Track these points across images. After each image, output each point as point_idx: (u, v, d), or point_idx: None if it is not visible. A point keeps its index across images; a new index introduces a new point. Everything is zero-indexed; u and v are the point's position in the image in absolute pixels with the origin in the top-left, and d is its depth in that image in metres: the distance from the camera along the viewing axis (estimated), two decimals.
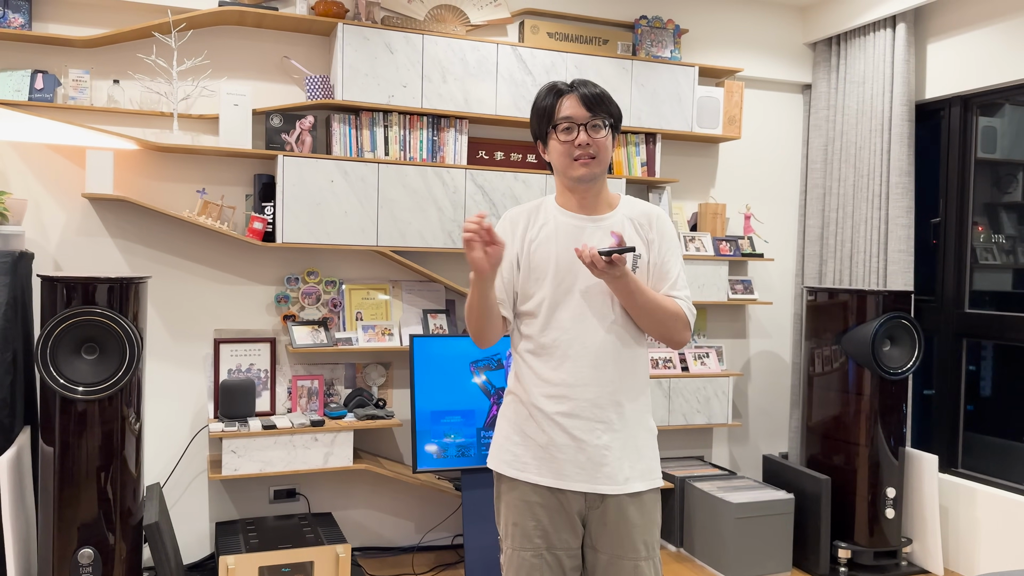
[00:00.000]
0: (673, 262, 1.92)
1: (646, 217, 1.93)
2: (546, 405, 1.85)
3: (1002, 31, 3.50)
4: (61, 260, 3.19)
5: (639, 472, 1.86)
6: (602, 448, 1.82)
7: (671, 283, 1.90)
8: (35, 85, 3.05)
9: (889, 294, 3.56)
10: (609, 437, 1.83)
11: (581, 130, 1.84)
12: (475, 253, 1.72)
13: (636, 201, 1.98)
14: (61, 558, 2.58)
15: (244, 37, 3.38)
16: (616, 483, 1.83)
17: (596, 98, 1.85)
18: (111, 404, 2.61)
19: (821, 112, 4.21)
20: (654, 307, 1.82)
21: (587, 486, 1.83)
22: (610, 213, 1.93)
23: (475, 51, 3.47)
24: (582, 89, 1.86)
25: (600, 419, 1.83)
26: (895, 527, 3.56)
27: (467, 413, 3.31)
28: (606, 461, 1.82)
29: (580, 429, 1.83)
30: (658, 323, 1.84)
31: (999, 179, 3.76)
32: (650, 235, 1.92)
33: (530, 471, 1.86)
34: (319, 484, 3.55)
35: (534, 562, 1.85)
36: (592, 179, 1.88)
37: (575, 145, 1.84)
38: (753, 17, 4.19)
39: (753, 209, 4.27)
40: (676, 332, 1.87)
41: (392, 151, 3.43)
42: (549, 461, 1.84)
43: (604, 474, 1.83)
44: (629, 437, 1.86)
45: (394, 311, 3.59)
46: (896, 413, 3.57)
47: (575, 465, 1.83)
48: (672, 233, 1.95)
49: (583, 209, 1.92)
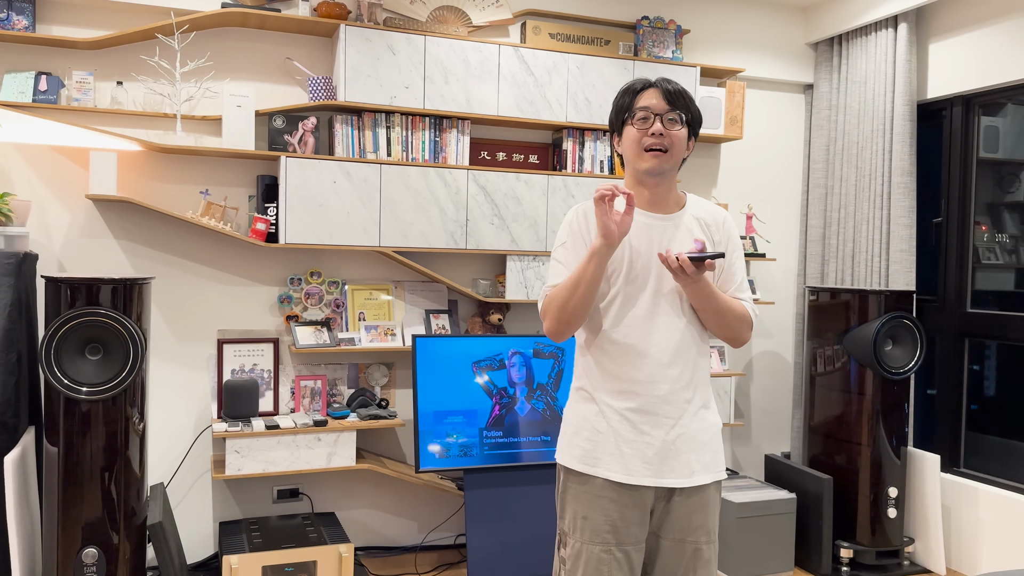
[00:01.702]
0: (739, 265, 1.97)
1: (713, 218, 1.96)
2: (615, 401, 1.88)
3: (1004, 31, 3.50)
4: (65, 261, 3.20)
5: (704, 465, 1.90)
6: (669, 443, 1.86)
7: (737, 285, 1.96)
8: (39, 87, 3.06)
9: (891, 294, 3.56)
10: (676, 432, 1.87)
11: (657, 120, 1.86)
12: (607, 217, 1.75)
13: (702, 201, 2.00)
14: (65, 557, 2.60)
15: (247, 38, 3.39)
16: (683, 476, 1.87)
17: (677, 93, 1.88)
18: (115, 404, 2.63)
19: (823, 112, 4.21)
20: (726, 310, 1.88)
21: (655, 480, 1.86)
22: (679, 212, 1.94)
23: (477, 52, 3.48)
24: (665, 84, 1.89)
25: (668, 415, 1.87)
26: (897, 527, 3.56)
27: (469, 413, 3.32)
28: (673, 455, 1.86)
29: (648, 424, 1.86)
30: (726, 325, 1.90)
31: (1001, 179, 3.76)
32: (717, 236, 1.95)
33: (600, 466, 1.88)
34: (322, 484, 3.56)
35: (603, 556, 1.85)
36: (661, 173, 1.88)
37: (648, 134, 1.86)
38: (755, 17, 4.19)
39: (755, 209, 4.27)
40: (741, 333, 1.94)
41: (394, 152, 3.44)
42: (619, 456, 1.87)
43: (671, 468, 1.86)
44: (696, 432, 1.89)
45: (396, 311, 3.60)
46: (898, 413, 3.58)
47: (643, 460, 1.86)
48: (737, 236, 1.99)
49: (653, 206, 1.93)
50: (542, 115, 3.60)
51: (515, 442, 3.37)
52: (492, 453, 3.34)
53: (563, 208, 3.62)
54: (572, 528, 1.92)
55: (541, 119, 3.60)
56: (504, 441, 3.35)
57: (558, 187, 3.62)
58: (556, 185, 3.62)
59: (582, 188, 3.65)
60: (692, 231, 1.92)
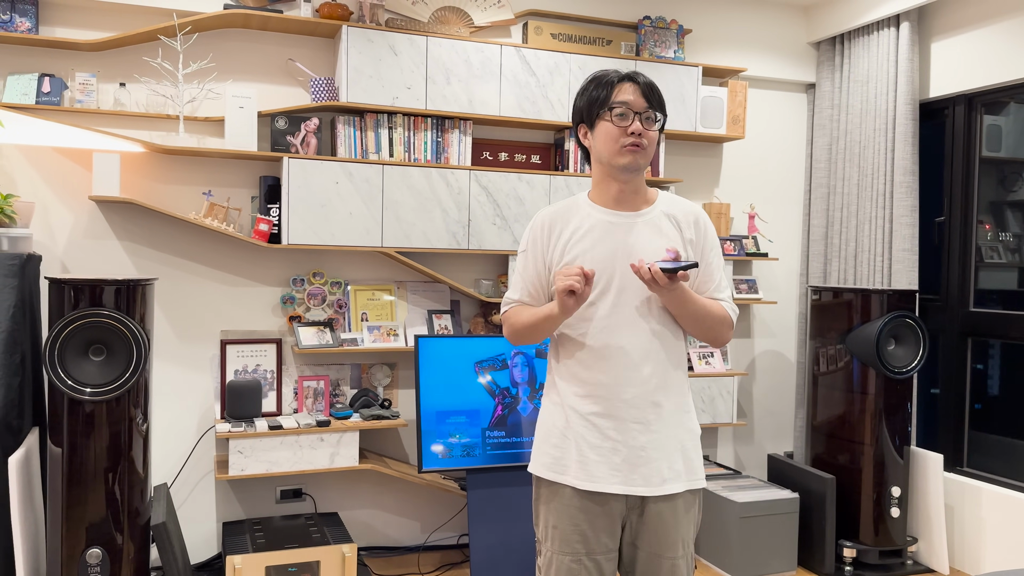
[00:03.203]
0: (716, 264, 1.90)
1: (685, 215, 1.90)
2: (581, 406, 1.83)
3: (1006, 29, 3.49)
4: (68, 262, 3.21)
5: (676, 473, 1.83)
6: (638, 449, 1.80)
7: (715, 285, 1.89)
8: (42, 88, 3.07)
9: (893, 293, 3.56)
10: (646, 438, 1.80)
11: (636, 118, 1.81)
12: (570, 300, 1.72)
13: (675, 198, 1.94)
14: (69, 558, 2.60)
15: (249, 40, 3.40)
16: (652, 485, 1.81)
17: (654, 91, 1.84)
18: (118, 405, 2.63)
19: (825, 111, 4.21)
20: (704, 314, 1.82)
21: (624, 488, 1.80)
22: (648, 208, 1.89)
23: (479, 52, 3.48)
24: (642, 79, 1.84)
25: (637, 419, 1.80)
26: (900, 526, 3.56)
27: (472, 413, 3.33)
28: (642, 462, 1.80)
29: (616, 430, 1.80)
30: (706, 328, 1.85)
31: (1004, 177, 3.75)
32: (689, 234, 1.88)
33: (568, 475, 1.84)
34: (325, 484, 3.57)
35: (573, 567, 1.82)
36: (636, 170, 1.83)
37: (627, 132, 1.80)
38: (757, 17, 4.19)
39: (757, 209, 4.27)
40: (720, 334, 1.87)
41: (396, 152, 3.45)
42: (586, 464, 1.81)
43: (640, 475, 1.80)
44: (668, 438, 1.83)
45: (399, 312, 3.60)
46: (901, 412, 3.57)
47: (611, 467, 1.80)
48: (714, 233, 1.92)
49: (620, 204, 1.87)
50: (544, 115, 3.60)
51: (518, 442, 3.37)
52: (495, 453, 3.34)
53: None
54: (544, 537, 1.90)
55: (543, 119, 3.60)
56: (507, 441, 3.36)
57: (560, 187, 3.62)
58: (558, 185, 3.62)
59: (584, 188, 3.65)
60: (660, 228, 1.86)
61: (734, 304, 1.92)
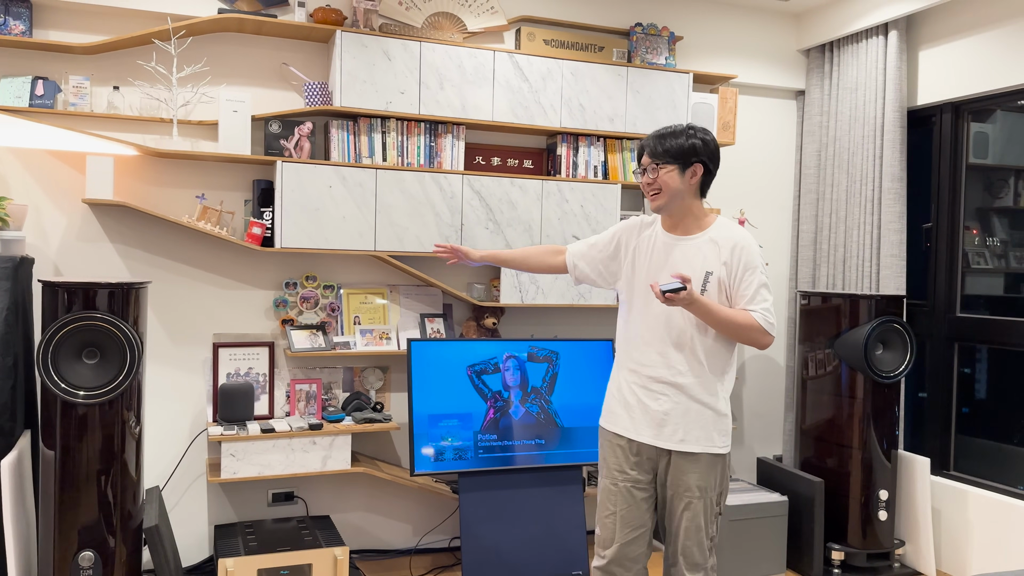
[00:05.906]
0: (748, 283, 2.29)
1: (727, 240, 2.33)
2: (627, 376, 2.41)
3: (993, 38, 3.54)
4: (62, 265, 3.21)
5: (695, 438, 2.31)
6: (661, 413, 2.33)
7: (747, 299, 2.29)
8: (36, 91, 3.07)
9: (881, 298, 3.59)
10: (669, 406, 2.32)
11: (645, 173, 2.38)
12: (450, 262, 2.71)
13: (726, 226, 2.37)
14: (61, 561, 2.60)
15: (243, 44, 3.41)
16: (671, 442, 2.32)
17: (658, 146, 2.34)
18: (111, 408, 2.64)
19: (814, 118, 4.25)
20: (727, 322, 2.25)
21: (653, 440, 2.34)
22: (699, 234, 2.35)
23: (472, 58, 3.50)
24: (650, 144, 2.37)
25: (661, 392, 2.33)
26: (888, 529, 3.59)
27: (464, 416, 3.34)
28: (664, 423, 2.32)
29: (648, 397, 2.35)
30: (733, 333, 2.28)
31: (991, 184, 3.80)
32: (725, 257, 2.30)
33: (617, 423, 2.42)
34: (317, 487, 3.57)
35: (610, 487, 2.41)
36: (660, 209, 2.37)
37: (645, 184, 2.38)
38: (747, 24, 4.23)
39: (747, 214, 4.30)
40: (755, 339, 2.29)
41: (390, 157, 3.46)
42: (627, 418, 2.39)
43: (663, 433, 2.33)
44: (686, 410, 2.31)
45: (392, 315, 3.62)
46: (889, 416, 3.61)
47: (644, 423, 2.35)
48: (751, 257, 2.30)
49: (673, 230, 2.39)
50: (536, 120, 3.62)
51: (510, 445, 3.39)
52: (487, 456, 3.36)
53: (557, 213, 3.65)
54: (599, 468, 2.50)
55: (536, 124, 3.62)
56: (499, 444, 3.37)
57: (552, 192, 3.65)
58: (550, 190, 3.64)
59: (576, 193, 3.68)
60: (702, 250, 2.33)
61: (768, 314, 2.27)
